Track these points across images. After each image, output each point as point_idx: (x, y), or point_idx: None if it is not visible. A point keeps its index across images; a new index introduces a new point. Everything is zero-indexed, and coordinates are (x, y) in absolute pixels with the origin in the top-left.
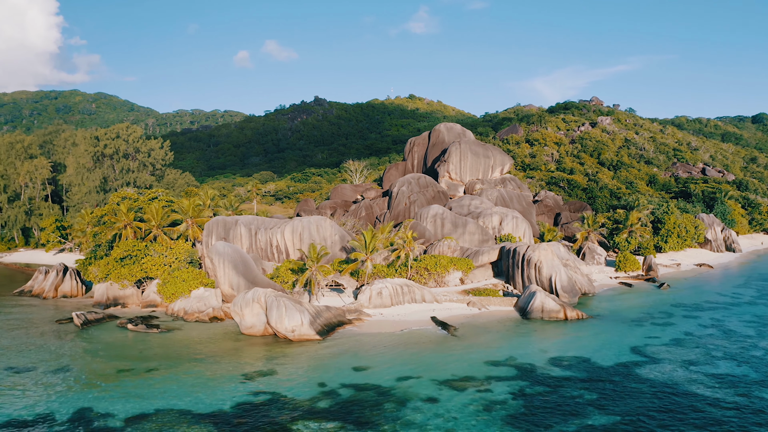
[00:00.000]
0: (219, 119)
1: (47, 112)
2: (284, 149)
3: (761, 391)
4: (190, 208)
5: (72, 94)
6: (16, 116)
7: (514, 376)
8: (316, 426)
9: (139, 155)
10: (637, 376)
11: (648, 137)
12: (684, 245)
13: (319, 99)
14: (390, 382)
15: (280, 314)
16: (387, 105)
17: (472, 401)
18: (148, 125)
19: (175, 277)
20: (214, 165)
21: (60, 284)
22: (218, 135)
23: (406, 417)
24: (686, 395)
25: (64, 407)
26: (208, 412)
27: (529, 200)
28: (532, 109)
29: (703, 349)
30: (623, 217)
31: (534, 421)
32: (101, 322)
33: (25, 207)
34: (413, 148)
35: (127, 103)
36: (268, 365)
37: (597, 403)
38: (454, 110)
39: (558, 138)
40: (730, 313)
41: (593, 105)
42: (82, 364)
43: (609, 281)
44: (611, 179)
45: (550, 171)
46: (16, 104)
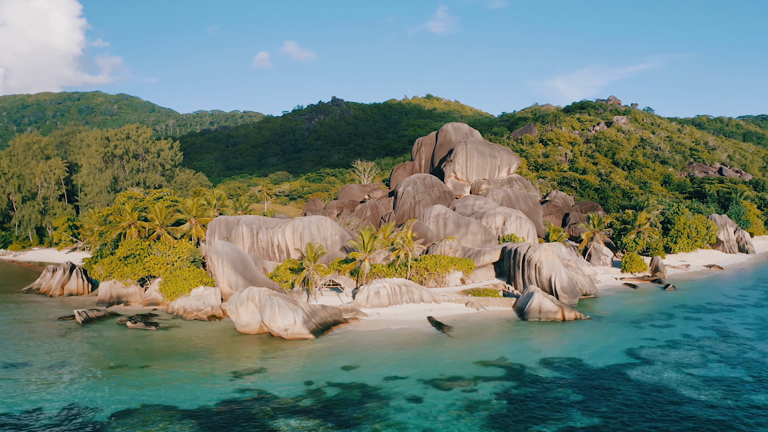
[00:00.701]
0: (238, 120)
1: (70, 113)
2: (301, 149)
3: (750, 394)
4: (194, 207)
5: (94, 96)
6: (40, 117)
7: (502, 376)
8: (296, 423)
9: (148, 155)
10: (626, 377)
11: (664, 137)
12: (694, 246)
13: (336, 99)
14: (377, 381)
15: (273, 313)
16: (404, 105)
17: (456, 401)
18: (169, 126)
19: (176, 276)
20: (232, 165)
21: (66, 282)
22: (236, 135)
23: (387, 416)
24: (672, 397)
25: (53, 401)
26: (193, 408)
27: (535, 200)
28: (550, 109)
29: (698, 351)
30: (631, 218)
31: (514, 421)
32: (102, 320)
33: (39, 207)
34: (421, 148)
35: (148, 104)
36: (259, 363)
37: (581, 404)
38: (471, 110)
39: (572, 138)
40: (732, 315)
41: (610, 104)
42: (78, 360)
43: (614, 282)
44: (624, 179)
45: (562, 171)
46: (40, 105)
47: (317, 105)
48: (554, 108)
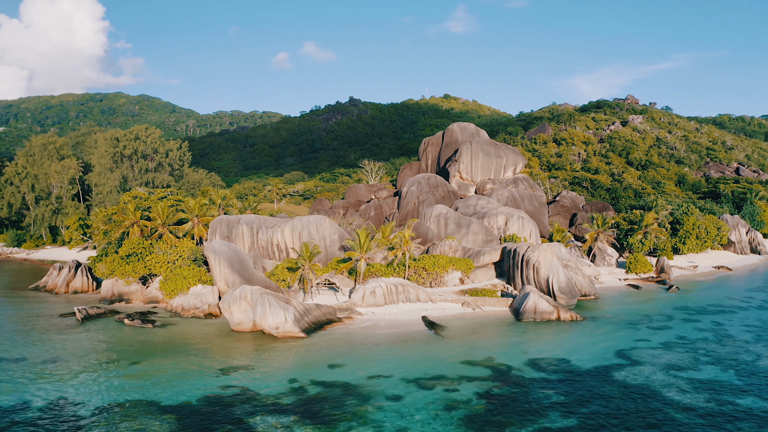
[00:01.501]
0: (257, 120)
1: (92, 114)
2: (318, 149)
3: (735, 397)
4: (196, 207)
5: (116, 97)
6: (63, 118)
7: (487, 376)
8: (272, 420)
9: (157, 156)
10: (611, 379)
11: (680, 136)
12: (704, 247)
13: (353, 99)
14: (360, 380)
15: (264, 311)
16: (421, 105)
17: (436, 400)
18: (189, 126)
19: (176, 275)
20: (250, 165)
21: (72, 280)
22: (254, 136)
23: (364, 414)
24: (655, 399)
25: (41, 395)
26: (174, 404)
27: (541, 200)
28: (567, 108)
29: (691, 353)
30: (638, 218)
31: (489, 421)
32: (102, 317)
33: (52, 206)
34: (427, 148)
35: (169, 104)
36: (246, 361)
37: (561, 405)
38: (489, 110)
39: (586, 137)
40: (733, 317)
41: (627, 103)
42: (70, 356)
43: (617, 283)
44: (637, 179)
45: (575, 171)
46: (63, 107)
47: (334, 105)
48: (572, 107)
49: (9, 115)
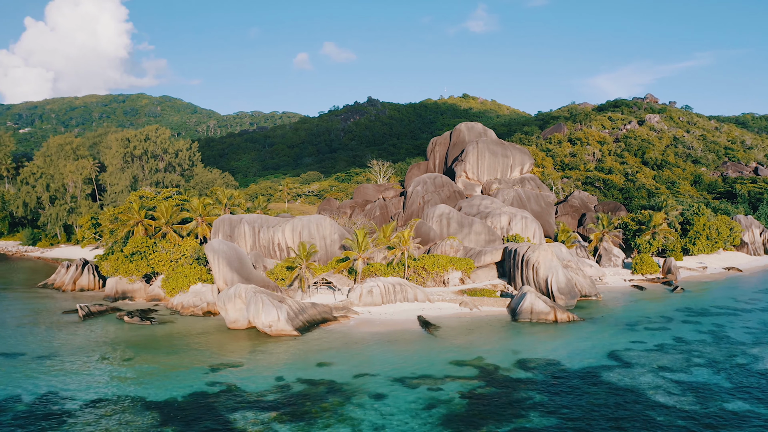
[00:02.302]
0: (277, 120)
1: (115, 115)
2: (336, 150)
3: (723, 401)
4: (200, 206)
5: (139, 98)
6: (87, 119)
7: (473, 376)
8: (252, 416)
9: (167, 156)
10: (598, 380)
11: (698, 135)
12: (715, 248)
13: (372, 99)
14: (346, 378)
15: (257, 309)
16: (440, 105)
17: (418, 399)
18: (210, 127)
19: (177, 273)
20: (269, 165)
21: (78, 278)
22: (273, 136)
23: (344, 412)
24: (639, 401)
25: (32, 390)
26: (160, 400)
27: (548, 200)
28: (587, 107)
29: (685, 355)
30: (647, 218)
31: (467, 421)
32: (103, 314)
33: (67, 205)
34: (435, 148)
35: (191, 105)
36: (237, 358)
37: (542, 405)
38: (508, 109)
39: (601, 137)
40: (735, 319)
41: (646, 102)
42: (67, 352)
43: (622, 284)
44: (652, 179)
45: (588, 170)
46: (86, 108)
47: (353, 105)
48: (590, 107)
49: (34, 116)
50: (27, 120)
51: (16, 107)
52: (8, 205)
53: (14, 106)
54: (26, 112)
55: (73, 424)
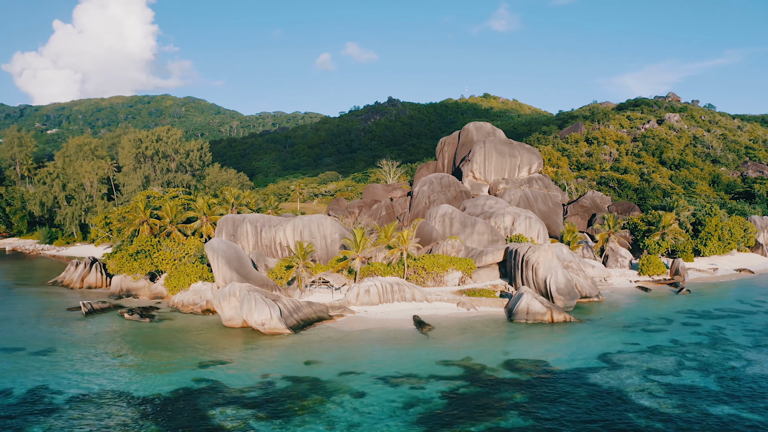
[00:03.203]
0: (299, 121)
1: (141, 115)
2: (356, 150)
3: (708, 404)
4: (204, 206)
5: (163, 99)
6: (113, 120)
7: (458, 376)
8: (231, 413)
9: (177, 156)
10: (584, 382)
11: (719, 134)
12: (727, 249)
13: (392, 99)
14: (331, 376)
15: (250, 308)
16: (460, 104)
17: (399, 398)
18: (233, 127)
19: (179, 271)
20: (289, 165)
21: (86, 276)
22: (294, 136)
23: (322, 409)
24: (622, 403)
25: (25, 384)
26: (145, 396)
27: (556, 200)
28: (608, 107)
29: (678, 357)
30: (656, 219)
31: (444, 420)
32: (106, 312)
33: (83, 205)
34: (444, 148)
35: (214, 106)
36: (227, 355)
37: (521, 406)
38: (530, 108)
39: (619, 136)
40: (737, 322)
41: (668, 101)
42: (64, 348)
43: (627, 285)
44: (669, 179)
45: (604, 170)
46: (112, 109)
47: (373, 105)
48: (611, 106)
49: (62, 117)
50: (54, 121)
51: (44, 109)
52: (27, 204)
53: (42, 107)
54: (54, 114)
55: (57, 418)
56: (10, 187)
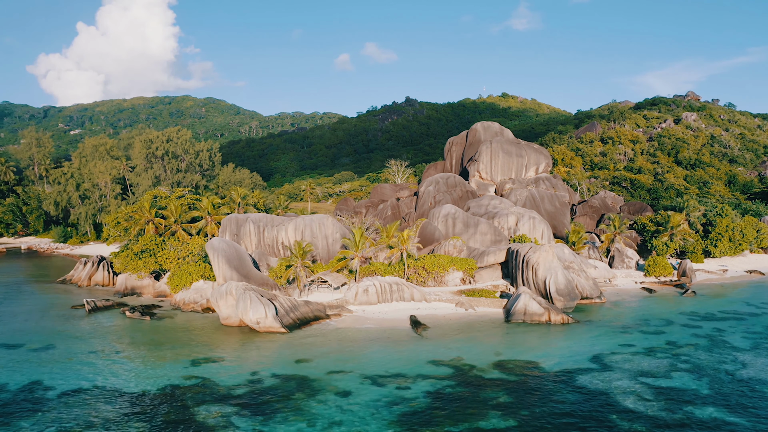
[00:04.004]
0: (318, 121)
1: (162, 116)
2: (373, 150)
3: (694, 407)
4: (209, 205)
5: (184, 99)
6: (134, 120)
7: (445, 375)
8: (215, 409)
9: (187, 156)
10: (572, 383)
11: (737, 134)
12: (738, 250)
13: (410, 99)
14: (319, 375)
15: (245, 306)
16: (478, 104)
17: (383, 397)
18: (252, 127)
19: (182, 270)
20: (306, 165)
21: (94, 274)
22: (312, 136)
23: (306, 407)
24: (607, 405)
25: (19, 379)
26: (134, 392)
27: (563, 200)
28: (627, 105)
29: (671, 359)
30: (665, 219)
31: (424, 419)
32: (109, 309)
33: (96, 204)
34: (452, 148)
35: (234, 107)
36: (220, 353)
37: (505, 407)
38: (548, 108)
39: (634, 135)
40: (739, 324)
41: (687, 100)
42: (63, 344)
43: (631, 286)
44: (683, 179)
45: (617, 170)
46: (134, 110)
47: (391, 105)
48: (630, 104)
49: (84, 118)
50: (77, 122)
51: (67, 109)
52: (42, 204)
53: (66, 108)
54: (77, 114)
55: (46, 412)
56: (27, 187)
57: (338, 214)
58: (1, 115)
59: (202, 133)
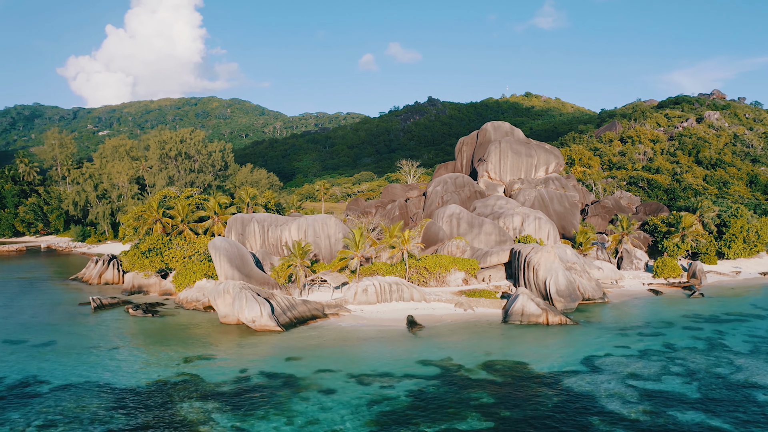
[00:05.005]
0: (341, 121)
1: (188, 117)
2: (395, 150)
3: (679, 412)
4: (215, 205)
5: (210, 101)
6: (161, 121)
7: (432, 375)
8: (198, 405)
9: (200, 157)
10: (557, 385)
11: (761, 133)
12: (754, 251)
13: (432, 99)
14: (307, 373)
15: (240, 305)
16: (501, 104)
17: (365, 396)
18: (276, 128)
19: (187, 269)
20: (328, 165)
21: (104, 272)
22: (334, 137)
23: (287, 404)
24: (588, 408)
25: (17, 373)
26: (124, 387)
27: (573, 201)
28: (652, 104)
29: (665, 362)
30: (676, 220)
31: (403, 418)
32: (114, 307)
33: (113, 204)
34: (462, 148)
35: (259, 107)
36: (213, 351)
37: (485, 408)
38: (572, 107)
39: (655, 135)
40: (742, 326)
41: (711, 99)
42: (64, 339)
43: (639, 287)
44: (702, 179)
45: (635, 170)
46: (161, 110)
47: (413, 105)
48: (655, 103)
49: (113, 119)
50: (106, 123)
51: (96, 111)
52: (62, 203)
53: (94, 109)
54: (105, 116)
55: (35, 404)
56: (49, 187)
57: (348, 214)
58: (32, 117)
59: (227, 134)
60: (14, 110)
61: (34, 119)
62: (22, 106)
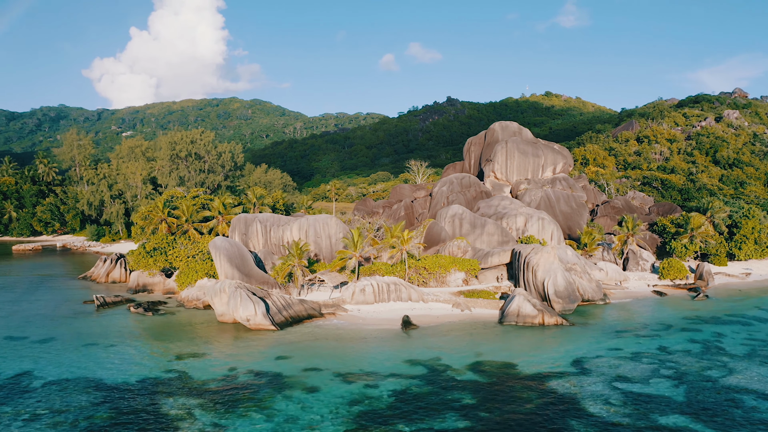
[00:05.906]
0: (361, 121)
1: (210, 118)
2: (413, 150)
3: (661, 415)
4: (219, 205)
5: (231, 102)
6: (183, 122)
7: (417, 375)
8: (182, 401)
9: (209, 157)
10: (543, 387)
11: None
12: (766, 253)
13: (451, 99)
14: (294, 372)
15: (235, 304)
16: (520, 103)
17: (348, 395)
18: (296, 128)
19: (190, 268)
20: (347, 165)
21: (111, 271)
22: (353, 137)
23: (269, 402)
24: (570, 410)
25: (13, 368)
26: (114, 383)
27: (580, 201)
28: (672, 103)
29: (655, 365)
30: (685, 221)
31: (382, 418)
32: (117, 305)
33: (126, 203)
34: (470, 148)
35: (279, 108)
36: (205, 349)
37: (466, 408)
38: (593, 106)
39: (672, 134)
40: (742, 329)
41: (733, 97)
42: (63, 336)
43: (643, 289)
44: (719, 179)
45: (650, 170)
46: (183, 111)
47: (432, 105)
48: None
49: (136, 120)
50: (129, 124)
51: (119, 112)
52: (78, 203)
53: (118, 111)
54: (129, 117)
55: (27, 398)
56: (66, 187)
57: (355, 214)
58: (58, 118)
59: (248, 134)
60: (40, 111)
61: (59, 120)
62: (48, 107)
